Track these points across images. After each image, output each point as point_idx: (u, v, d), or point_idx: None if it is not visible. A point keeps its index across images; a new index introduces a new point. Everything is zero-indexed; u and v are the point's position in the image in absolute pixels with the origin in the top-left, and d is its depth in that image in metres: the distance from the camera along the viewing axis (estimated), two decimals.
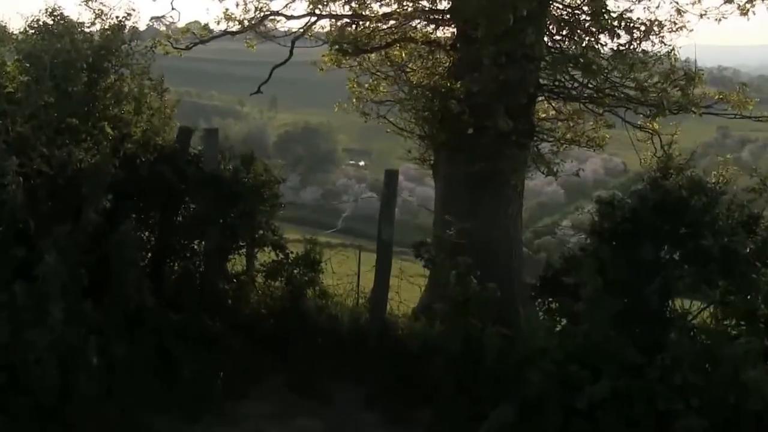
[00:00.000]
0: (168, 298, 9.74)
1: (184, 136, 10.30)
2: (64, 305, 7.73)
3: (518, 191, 15.10)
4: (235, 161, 10.40)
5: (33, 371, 7.45)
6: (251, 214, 10.05)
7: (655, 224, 8.09)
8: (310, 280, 10.08)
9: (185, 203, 10.21)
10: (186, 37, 16.17)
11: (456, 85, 12.65)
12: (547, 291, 9.30)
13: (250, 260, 10.49)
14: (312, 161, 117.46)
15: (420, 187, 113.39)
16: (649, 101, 12.69)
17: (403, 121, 15.98)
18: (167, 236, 10.19)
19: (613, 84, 12.93)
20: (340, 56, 16.09)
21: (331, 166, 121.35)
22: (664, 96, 12.24)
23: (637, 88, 12.65)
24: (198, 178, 9.95)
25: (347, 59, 16.35)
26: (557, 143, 14.37)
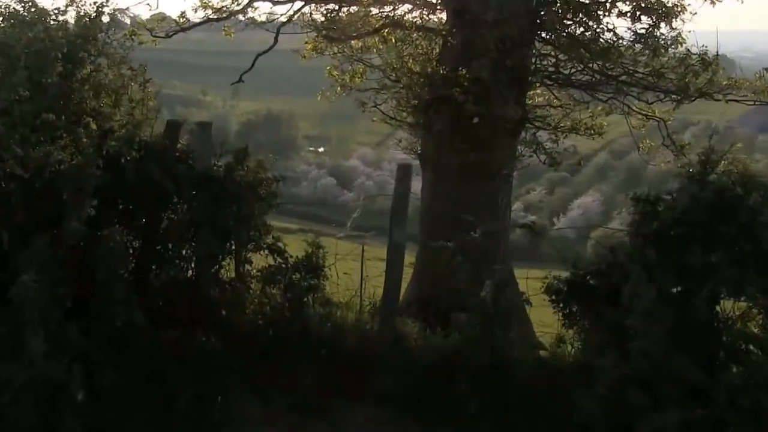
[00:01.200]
0: (156, 309, 8.48)
1: (172, 130, 8.93)
2: (45, 334, 6.38)
3: (509, 181, 14.12)
4: (227, 158, 9.08)
5: (9, 413, 6.10)
6: (248, 216, 8.75)
7: (708, 226, 6.95)
8: (312, 286, 8.81)
9: (175, 205, 8.88)
10: (161, 26, 15.03)
11: (462, 72, 11.45)
12: (575, 296, 8.10)
13: (244, 265, 9.18)
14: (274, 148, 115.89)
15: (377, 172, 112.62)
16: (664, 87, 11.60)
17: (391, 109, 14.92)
18: (155, 242, 8.85)
19: (627, 70, 11.79)
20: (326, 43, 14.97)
21: (292, 153, 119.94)
22: (690, 81, 11.12)
23: (652, 74, 11.54)
24: (189, 177, 8.62)
25: (332, 46, 15.25)
26: (554, 131, 13.26)
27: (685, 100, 11.47)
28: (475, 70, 11.29)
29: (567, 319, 8.36)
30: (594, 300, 7.89)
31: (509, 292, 7.49)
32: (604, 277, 7.61)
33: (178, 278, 8.90)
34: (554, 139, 13.14)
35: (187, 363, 7.96)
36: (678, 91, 11.48)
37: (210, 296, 8.79)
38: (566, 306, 8.25)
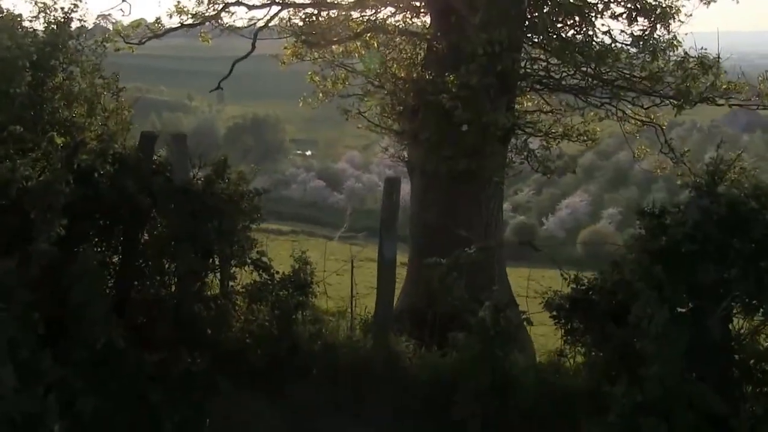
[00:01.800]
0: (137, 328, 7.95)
1: (147, 142, 8.39)
2: (16, 364, 5.84)
3: (500, 188, 13.66)
4: (206, 170, 8.55)
5: None
6: (230, 231, 8.22)
7: (721, 241, 6.46)
8: (300, 303, 8.29)
9: (153, 220, 8.35)
10: (137, 32, 14.54)
11: (450, 77, 10.94)
12: (577, 312, 7.60)
13: (228, 282, 8.65)
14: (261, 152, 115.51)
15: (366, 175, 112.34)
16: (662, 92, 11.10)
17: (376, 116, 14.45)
18: (134, 259, 8.32)
19: (622, 74, 11.29)
20: (306, 48, 14.48)
21: (279, 156, 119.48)
22: (691, 86, 10.63)
23: (649, 78, 11.05)
24: (166, 191, 8.09)
25: (312, 51, 14.78)
26: (546, 138, 12.77)
27: (687, 105, 10.95)
28: (463, 76, 10.80)
29: (569, 335, 7.89)
30: (597, 317, 7.42)
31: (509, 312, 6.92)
32: (609, 294, 7.12)
33: (159, 296, 8.38)
34: (546, 146, 12.63)
35: (172, 385, 7.46)
36: (677, 96, 10.98)
37: (194, 314, 8.26)
38: (568, 322, 7.77)
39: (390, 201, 7.91)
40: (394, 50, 13.98)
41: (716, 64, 11.00)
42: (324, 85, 15.25)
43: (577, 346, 7.79)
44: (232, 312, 8.45)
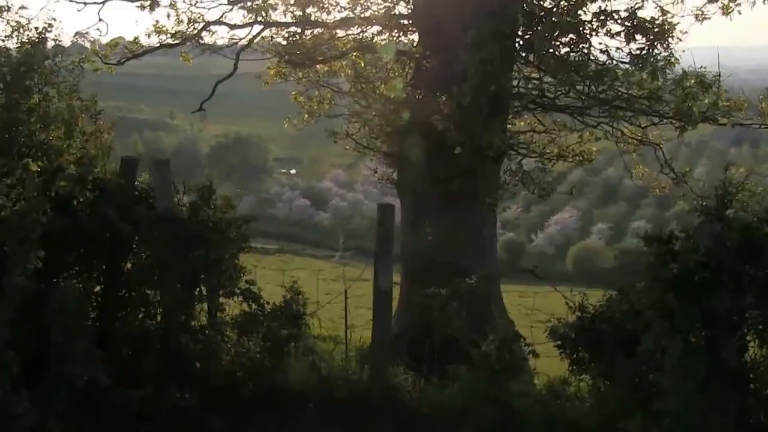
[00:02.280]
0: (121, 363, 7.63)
1: (128, 168, 8.07)
2: None
3: (493, 209, 13.38)
4: (191, 195, 8.24)
5: None
6: (217, 260, 7.90)
7: (734, 268, 6.20)
8: (293, 335, 7.97)
9: (136, 250, 8.03)
10: (115, 52, 14.22)
11: (442, 98, 10.67)
12: (584, 342, 7.31)
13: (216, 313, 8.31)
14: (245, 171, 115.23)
15: (350, 193, 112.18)
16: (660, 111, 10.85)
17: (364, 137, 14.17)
18: (117, 290, 7.99)
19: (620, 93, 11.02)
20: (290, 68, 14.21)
21: (263, 175, 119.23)
22: (694, 105, 10.38)
23: (648, 98, 10.79)
24: (149, 219, 7.77)
25: (297, 71, 14.51)
26: (541, 158, 12.49)
27: (689, 126, 10.67)
28: (456, 96, 10.52)
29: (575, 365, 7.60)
30: (605, 347, 7.14)
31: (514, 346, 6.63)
32: (618, 323, 6.84)
33: (144, 328, 8.05)
34: (542, 168, 12.35)
35: (159, 423, 7.14)
36: (677, 116, 10.72)
37: (181, 347, 7.93)
38: (574, 352, 7.48)
39: (384, 229, 7.61)
40: (381, 69, 13.72)
41: (716, 82, 10.74)
42: (309, 105, 14.96)
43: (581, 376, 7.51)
44: (221, 344, 8.12)
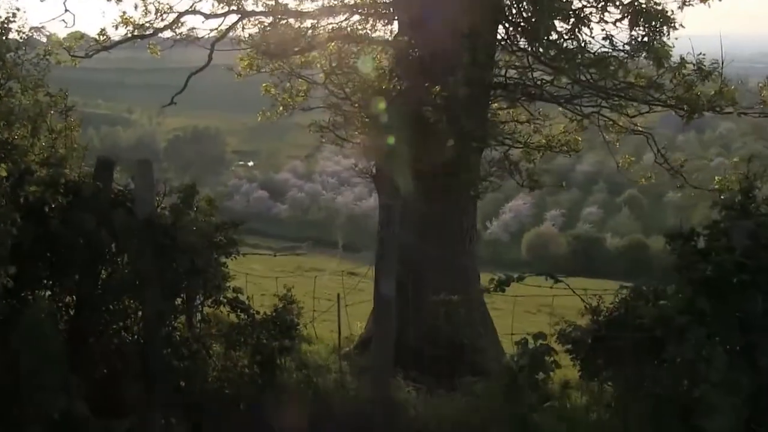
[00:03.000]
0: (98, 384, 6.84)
1: (104, 169, 7.23)
2: None
3: (473, 201, 12.75)
4: (172, 199, 7.44)
5: None
6: (203, 268, 7.12)
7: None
8: (285, 347, 7.23)
9: (114, 259, 7.21)
10: (80, 45, 13.33)
11: (435, 88, 9.98)
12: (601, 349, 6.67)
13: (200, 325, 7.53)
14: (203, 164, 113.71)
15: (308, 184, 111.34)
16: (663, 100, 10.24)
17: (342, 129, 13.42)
18: (92, 304, 7.16)
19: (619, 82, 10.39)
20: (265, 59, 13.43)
21: (221, 168, 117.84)
22: (702, 94, 9.78)
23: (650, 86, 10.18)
24: (129, 225, 6.96)
25: (272, 62, 13.73)
26: (526, 149, 11.85)
27: (695, 114, 10.05)
28: (452, 86, 9.84)
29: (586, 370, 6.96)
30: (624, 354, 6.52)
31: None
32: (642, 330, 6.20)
33: (123, 344, 7.24)
34: (530, 159, 11.70)
35: None
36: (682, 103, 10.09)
37: (164, 364, 7.15)
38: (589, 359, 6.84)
39: (387, 231, 6.90)
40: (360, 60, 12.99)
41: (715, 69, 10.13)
42: (284, 97, 14.17)
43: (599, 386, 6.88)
44: (207, 360, 7.36)
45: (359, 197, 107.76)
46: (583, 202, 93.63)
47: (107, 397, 6.83)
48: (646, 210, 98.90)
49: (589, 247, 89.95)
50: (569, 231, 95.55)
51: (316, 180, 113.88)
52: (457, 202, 12.36)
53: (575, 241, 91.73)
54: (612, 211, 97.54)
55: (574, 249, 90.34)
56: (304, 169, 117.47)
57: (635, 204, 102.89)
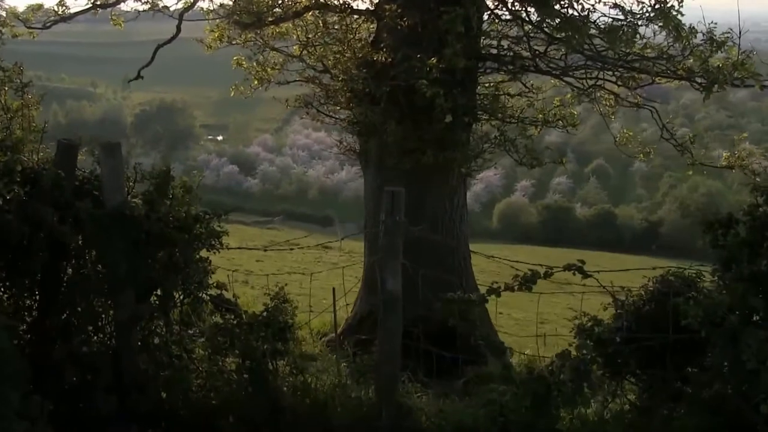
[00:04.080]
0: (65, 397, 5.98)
1: (66, 154, 6.29)
2: None
3: (463, 180, 11.98)
4: (144, 185, 6.52)
5: None
6: (183, 265, 6.24)
7: None
8: (278, 351, 6.38)
9: (81, 257, 6.31)
10: (37, 16, 12.32)
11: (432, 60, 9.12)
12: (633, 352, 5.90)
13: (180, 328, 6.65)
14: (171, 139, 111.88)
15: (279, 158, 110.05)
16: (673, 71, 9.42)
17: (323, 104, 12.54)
18: (55, 308, 6.27)
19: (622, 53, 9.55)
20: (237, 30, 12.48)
21: (190, 143, 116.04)
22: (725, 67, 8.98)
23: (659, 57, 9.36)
24: (97, 218, 6.05)
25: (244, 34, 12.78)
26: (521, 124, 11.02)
27: (716, 86, 9.19)
28: (450, 59, 8.99)
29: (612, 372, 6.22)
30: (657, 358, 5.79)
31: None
32: (689, 332, 5.43)
33: (92, 353, 6.35)
34: (526, 135, 10.86)
35: None
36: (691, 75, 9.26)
37: (140, 372, 6.30)
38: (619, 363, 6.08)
39: (392, 220, 6.06)
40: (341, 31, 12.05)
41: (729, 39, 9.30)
42: (257, 70, 13.22)
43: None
44: (189, 366, 6.50)
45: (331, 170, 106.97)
46: (553, 172, 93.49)
47: (76, 411, 6.00)
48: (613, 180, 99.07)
49: (558, 217, 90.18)
50: (539, 201, 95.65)
51: (286, 153, 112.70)
52: (446, 181, 11.58)
53: (545, 211, 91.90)
54: (581, 181, 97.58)
55: (544, 219, 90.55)
56: (274, 143, 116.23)
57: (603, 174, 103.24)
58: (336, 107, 12.07)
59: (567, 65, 10.37)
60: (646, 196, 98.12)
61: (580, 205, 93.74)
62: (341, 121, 11.83)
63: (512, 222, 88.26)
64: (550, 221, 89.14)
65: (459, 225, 12.13)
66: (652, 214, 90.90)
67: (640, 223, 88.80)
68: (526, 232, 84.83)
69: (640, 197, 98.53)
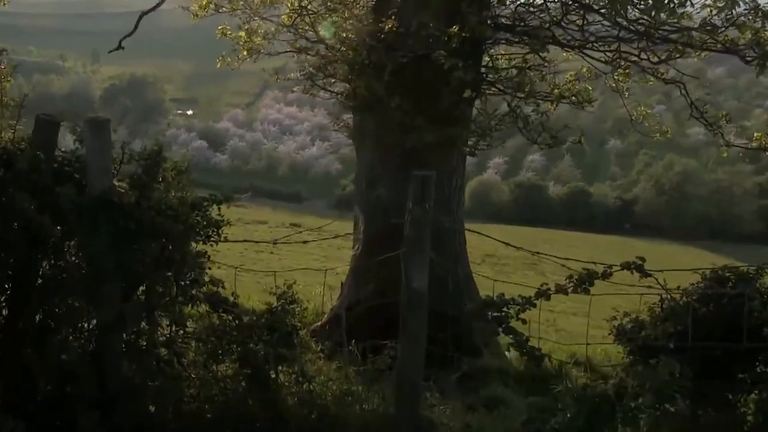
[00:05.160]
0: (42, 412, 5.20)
1: (46, 132, 5.43)
2: None
3: (462, 158, 11.26)
4: (135, 168, 5.70)
5: None
6: (179, 259, 5.44)
7: None
8: (281, 356, 5.62)
9: (61, 250, 5.48)
10: None
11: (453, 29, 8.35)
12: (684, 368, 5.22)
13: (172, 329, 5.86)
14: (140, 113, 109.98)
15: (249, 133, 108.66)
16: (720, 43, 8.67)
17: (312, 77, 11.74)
18: (31, 308, 5.45)
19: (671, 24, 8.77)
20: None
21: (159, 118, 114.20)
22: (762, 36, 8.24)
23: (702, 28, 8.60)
24: (81, 206, 5.22)
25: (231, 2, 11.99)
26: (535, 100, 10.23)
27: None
28: (473, 28, 8.23)
29: None
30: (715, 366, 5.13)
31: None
32: None
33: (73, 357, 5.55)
34: (540, 111, 10.07)
35: None
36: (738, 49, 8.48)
37: (125, 381, 5.51)
38: None
39: (421, 210, 5.29)
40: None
41: None
42: (246, 40, 12.37)
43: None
44: (182, 374, 5.72)
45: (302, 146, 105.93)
46: (527, 149, 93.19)
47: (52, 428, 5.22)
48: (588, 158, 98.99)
49: (531, 195, 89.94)
50: (512, 179, 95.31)
51: (257, 129, 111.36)
52: (447, 160, 10.82)
53: (518, 189, 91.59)
54: (554, 158, 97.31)
55: (516, 196, 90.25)
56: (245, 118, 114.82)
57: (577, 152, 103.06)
58: (330, 80, 11.26)
59: (585, 37, 9.61)
60: (621, 174, 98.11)
61: (553, 184, 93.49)
62: (337, 95, 11.01)
63: (483, 200, 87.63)
64: (522, 199, 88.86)
65: (456, 207, 11.42)
66: (627, 193, 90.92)
67: (614, 202, 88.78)
68: (497, 210, 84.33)
69: (614, 175, 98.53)
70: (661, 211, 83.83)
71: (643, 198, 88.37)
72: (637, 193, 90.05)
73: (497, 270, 31.91)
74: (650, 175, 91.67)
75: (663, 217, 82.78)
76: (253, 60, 12.26)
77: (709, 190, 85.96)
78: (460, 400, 7.09)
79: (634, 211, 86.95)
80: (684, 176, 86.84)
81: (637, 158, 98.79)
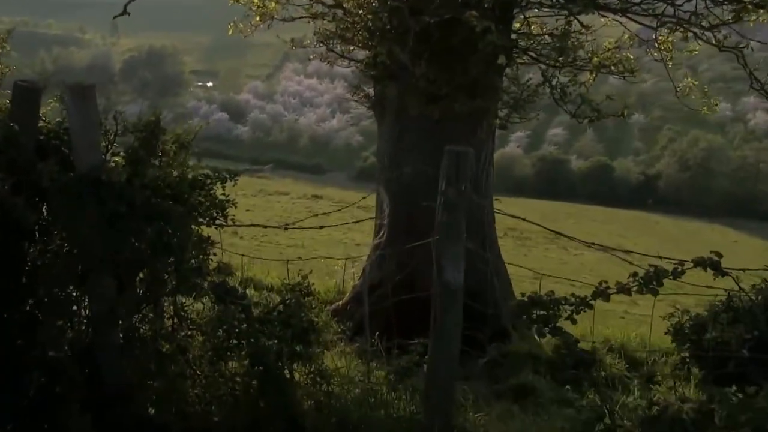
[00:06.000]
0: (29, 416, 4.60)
1: (26, 101, 4.75)
2: None
3: (492, 131, 10.53)
4: (130, 142, 5.03)
5: None
6: (180, 245, 4.78)
7: None
8: (296, 354, 4.96)
9: (45, 236, 4.83)
10: None
11: None
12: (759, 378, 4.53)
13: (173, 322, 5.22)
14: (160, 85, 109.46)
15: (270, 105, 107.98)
16: None
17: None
18: (15, 300, 4.82)
19: None
20: None
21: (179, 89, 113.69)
22: None
23: None
24: (66, 184, 4.57)
25: None
26: (572, 70, 9.45)
27: None
28: None
29: None
30: None
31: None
32: None
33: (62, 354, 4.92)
34: (577, 81, 9.29)
35: None
36: None
37: (121, 381, 4.89)
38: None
39: (456, 191, 4.59)
40: None
41: None
42: (260, 6, 11.62)
43: None
44: (185, 372, 5.08)
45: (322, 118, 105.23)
46: (549, 123, 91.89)
47: None
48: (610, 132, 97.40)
49: (553, 169, 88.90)
50: (534, 153, 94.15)
51: (277, 101, 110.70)
52: (474, 132, 10.08)
53: (540, 163, 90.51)
54: (577, 132, 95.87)
55: (538, 170, 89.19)
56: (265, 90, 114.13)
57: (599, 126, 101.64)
58: (349, 47, 10.53)
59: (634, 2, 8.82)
60: (644, 149, 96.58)
61: (576, 158, 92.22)
62: (357, 63, 10.28)
63: (505, 174, 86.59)
64: (545, 173, 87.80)
65: (485, 183, 10.69)
66: (650, 168, 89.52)
67: (636, 177, 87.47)
68: (518, 184, 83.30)
69: (637, 150, 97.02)
70: (684, 187, 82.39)
71: (666, 174, 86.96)
72: (660, 168, 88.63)
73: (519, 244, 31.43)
74: (674, 150, 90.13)
75: (686, 193, 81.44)
76: (266, 26, 11.51)
77: (734, 167, 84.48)
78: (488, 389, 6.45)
79: (657, 186, 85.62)
80: (709, 152, 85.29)
81: (660, 133, 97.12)
